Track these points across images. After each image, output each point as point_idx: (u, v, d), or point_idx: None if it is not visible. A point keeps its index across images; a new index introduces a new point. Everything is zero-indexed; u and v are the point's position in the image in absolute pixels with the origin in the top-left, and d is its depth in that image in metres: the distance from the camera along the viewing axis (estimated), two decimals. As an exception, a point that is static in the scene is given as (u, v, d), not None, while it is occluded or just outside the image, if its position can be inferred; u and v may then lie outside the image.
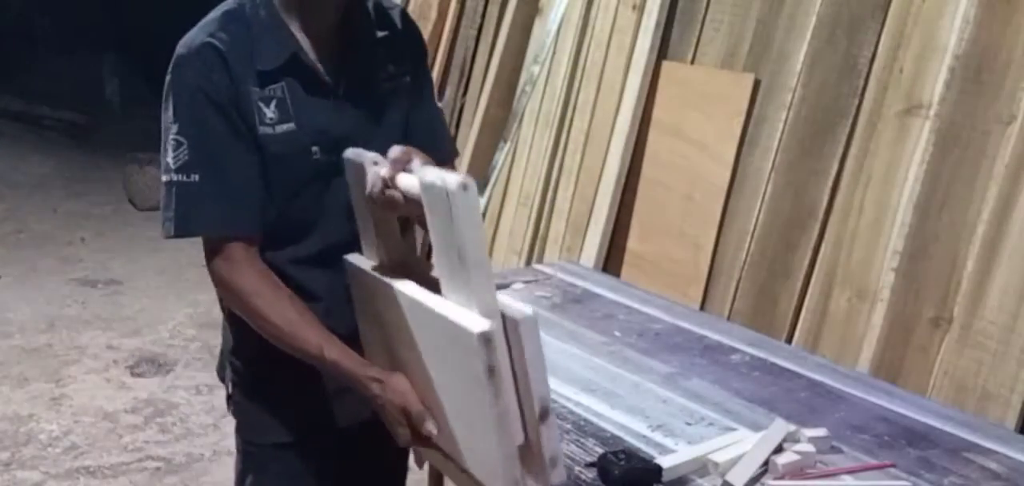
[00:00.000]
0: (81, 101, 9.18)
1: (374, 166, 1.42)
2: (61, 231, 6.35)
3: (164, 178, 1.54)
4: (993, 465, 1.71)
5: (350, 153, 1.50)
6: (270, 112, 1.55)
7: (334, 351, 1.52)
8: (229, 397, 1.77)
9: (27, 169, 7.74)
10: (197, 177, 1.52)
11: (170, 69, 1.55)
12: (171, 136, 1.52)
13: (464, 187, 1.22)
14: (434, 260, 1.36)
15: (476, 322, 1.23)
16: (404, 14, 1.78)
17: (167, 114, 1.54)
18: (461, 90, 4.21)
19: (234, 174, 1.54)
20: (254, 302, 1.55)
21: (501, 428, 1.26)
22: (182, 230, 1.56)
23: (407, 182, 1.38)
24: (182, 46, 1.55)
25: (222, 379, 1.82)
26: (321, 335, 1.53)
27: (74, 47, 9.45)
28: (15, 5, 9.36)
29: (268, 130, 1.55)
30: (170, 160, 1.52)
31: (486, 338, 1.22)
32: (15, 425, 3.64)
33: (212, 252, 1.57)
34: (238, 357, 1.72)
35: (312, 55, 1.61)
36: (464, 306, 1.28)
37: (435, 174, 1.28)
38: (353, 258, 1.57)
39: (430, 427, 1.43)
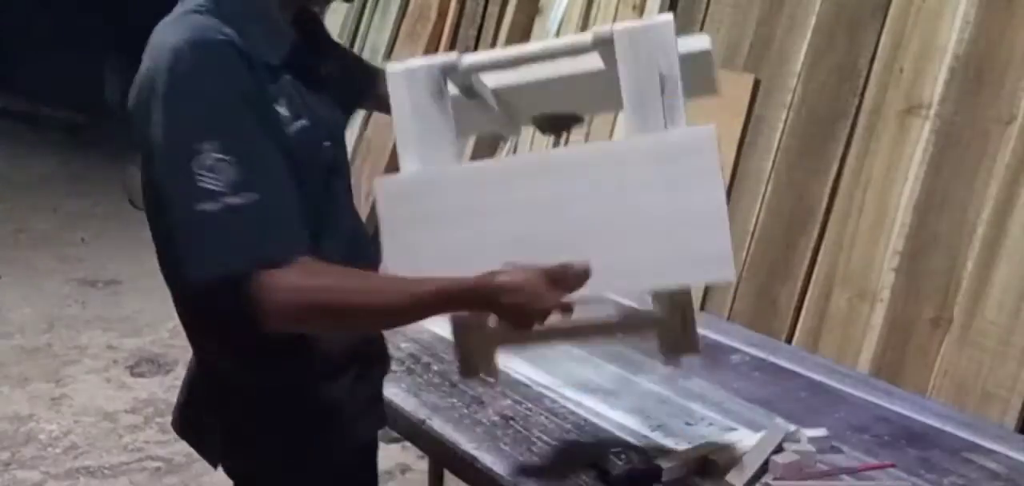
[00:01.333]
0: (81, 101, 9.17)
1: None
2: (61, 231, 6.34)
3: (204, 206, 1.24)
4: (993, 465, 1.71)
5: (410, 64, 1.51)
6: (284, 110, 1.36)
7: (430, 283, 1.33)
8: (236, 438, 1.51)
9: (27, 169, 7.74)
10: (255, 195, 1.25)
11: (175, 80, 1.26)
12: (207, 155, 1.24)
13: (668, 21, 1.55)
14: (628, 115, 1.53)
15: (700, 129, 1.49)
16: None
17: (183, 134, 1.26)
18: (461, 90, 4.21)
19: (284, 183, 1.31)
20: (338, 296, 1.32)
21: (720, 220, 1.44)
22: (266, 257, 1.26)
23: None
24: (184, 47, 1.27)
25: (200, 434, 1.59)
26: (405, 280, 1.36)
27: (74, 47, 9.44)
28: (15, 5, 9.36)
29: (287, 129, 1.35)
30: (212, 184, 1.23)
31: (714, 135, 1.48)
32: (15, 425, 3.64)
33: (278, 275, 1.27)
34: (260, 390, 1.47)
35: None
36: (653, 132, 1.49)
37: (629, 24, 1.54)
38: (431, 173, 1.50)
39: (582, 270, 1.38)
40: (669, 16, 1.58)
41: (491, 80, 1.67)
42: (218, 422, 1.52)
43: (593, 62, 1.62)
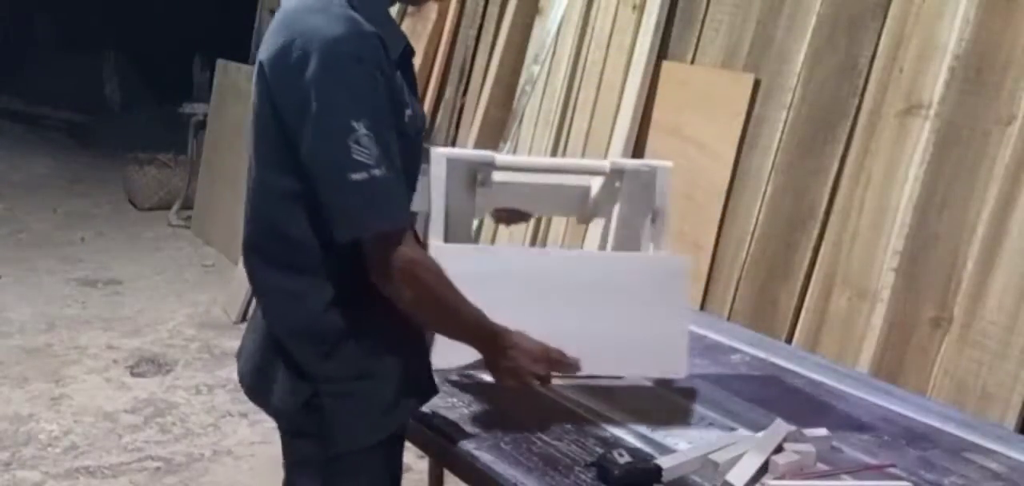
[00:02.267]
0: (81, 101, 9.18)
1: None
2: (61, 231, 6.34)
3: (357, 176, 1.46)
4: (993, 465, 1.71)
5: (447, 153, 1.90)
6: (403, 98, 1.58)
7: (477, 314, 1.63)
8: (303, 408, 1.60)
9: (27, 169, 7.74)
10: (389, 171, 1.48)
11: (335, 64, 1.47)
12: (361, 133, 1.46)
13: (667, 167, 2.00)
14: (617, 228, 2.09)
15: (678, 258, 2.00)
16: None
17: (341, 112, 1.47)
18: (461, 90, 4.21)
19: (398, 163, 1.53)
20: (441, 280, 1.58)
21: (682, 332, 1.94)
22: (401, 220, 1.52)
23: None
24: (342, 38, 1.48)
25: (267, 399, 1.67)
26: (467, 303, 1.62)
27: (74, 47, 9.45)
28: (16, 6, 9.37)
29: (404, 114, 1.57)
30: (364, 157, 1.46)
31: (688, 265, 1.98)
32: (15, 425, 3.63)
33: (395, 244, 1.51)
34: (333, 360, 1.59)
35: None
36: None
37: (637, 162, 2.05)
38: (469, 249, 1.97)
39: (574, 362, 1.73)
40: (669, 163, 2.04)
41: (502, 176, 2.03)
42: (309, 380, 1.61)
43: (590, 180, 2.11)
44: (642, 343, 1.89)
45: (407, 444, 1.74)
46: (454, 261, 1.64)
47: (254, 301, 1.75)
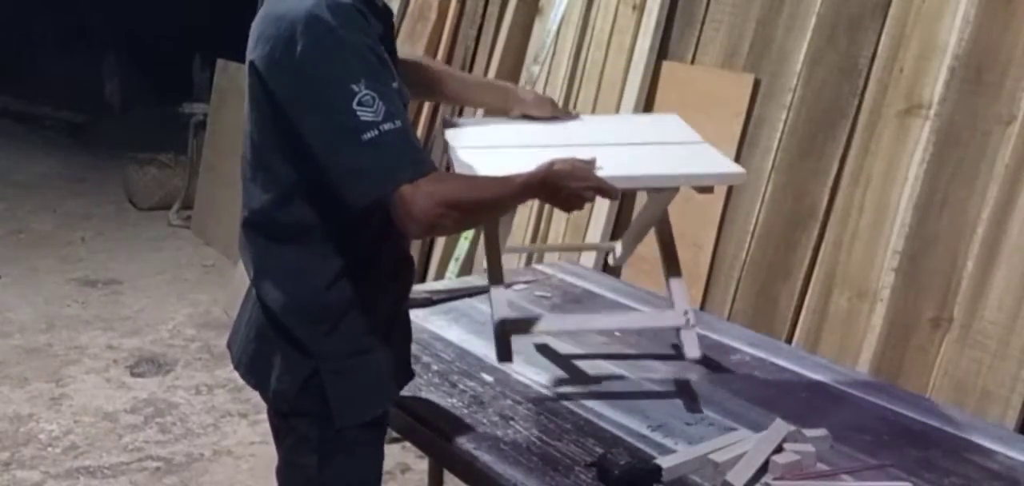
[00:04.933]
0: (81, 101, 9.17)
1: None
2: (61, 231, 6.34)
3: (368, 135, 1.47)
4: (993, 465, 1.71)
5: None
6: (389, 70, 1.59)
7: (518, 177, 1.63)
8: (303, 386, 1.65)
9: (27, 169, 7.73)
10: (398, 122, 1.50)
11: (320, 37, 1.49)
12: (362, 92, 1.47)
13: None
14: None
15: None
16: None
17: (338, 80, 1.49)
18: (461, 90, 4.21)
19: (405, 113, 1.57)
20: (467, 192, 1.60)
21: None
22: (423, 168, 1.52)
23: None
24: (320, 10, 1.49)
25: (264, 381, 1.70)
26: (500, 178, 1.64)
27: (74, 47, 9.44)
28: (15, 5, 9.36)
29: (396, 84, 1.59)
30: (370, 116, 1.48)
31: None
32: (15, 425, 3.63)
33: (418, 187, 1.51)
34: (333, 336, 1.64)
35: None
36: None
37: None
38: None
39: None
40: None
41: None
42: (307, 357, 1.65)
43: None
44: (681, 157, 1.89)
45: (407, 444, 1.75)
46: (469, 135, 1.78)
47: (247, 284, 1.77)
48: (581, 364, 2.11)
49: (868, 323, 2.57)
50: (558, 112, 2.09)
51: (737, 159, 2.98)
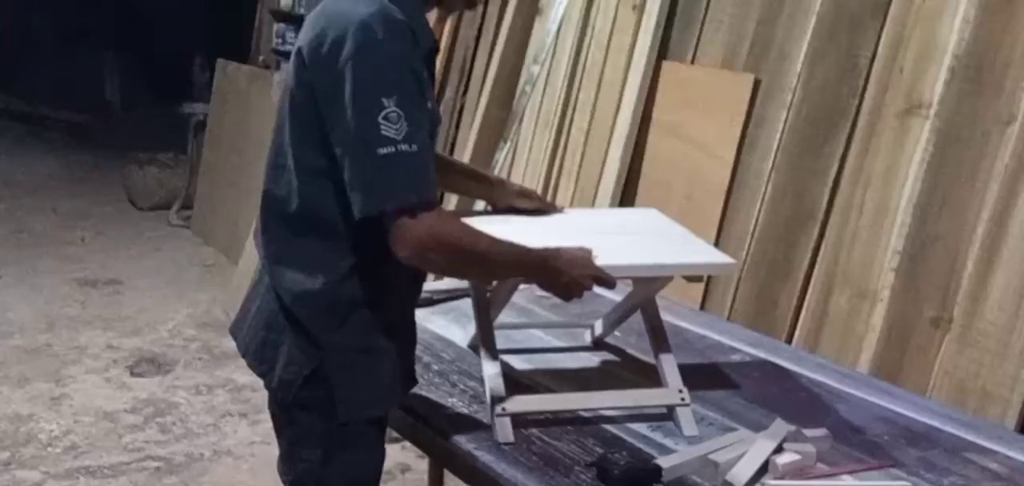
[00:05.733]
0: (81, 101, 9.17)
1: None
2: (61, 231, 6.34)
3: (384, 150, 1.52)
4: (993, 465, 1.71)
5: None
6: (428, 89, 1.64)
7: (521, 248, 1.67)
8: (309, 379, 1.66)
9: (27, 169, 7.74)
10: (416, 146, 1.53)
11: (367, 45, 1.54)
12: (390, 108, 1.52)
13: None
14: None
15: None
16: None
17: (371, 89, 1.53)
18: (461, 90, 4.21)
19: (429, 141, 1.60)
20: (469, 233, 1.64)
21: None
22: (426, 197, 1.55)
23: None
24: (373, 20, 1.54)
25: (270, 370, 1.71)
26: (504, 243, 1.67)
27: (74, 47, 9.44)
28: (15, 5, 9.36)
29: (429, 103, 1.63)
30: (392, 133, 1.52)
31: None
32: (15, 425, 3.63)
33: (423, 217, 1.55)
34: (342, 329, 1.66)
35: None
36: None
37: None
38: None
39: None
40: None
41: None
42: (313, 350, 1.66)
43: None
44: (673, 248, 1.94)
45: (407, 444, 1.75)
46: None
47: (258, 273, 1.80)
48: (581, 363, 2.11)
49: (868, 323, 2.57)
50: (543, 204, 2.12)
51: (737, 159, 2.99)
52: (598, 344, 2.22)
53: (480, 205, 2.47)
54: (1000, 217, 2.36)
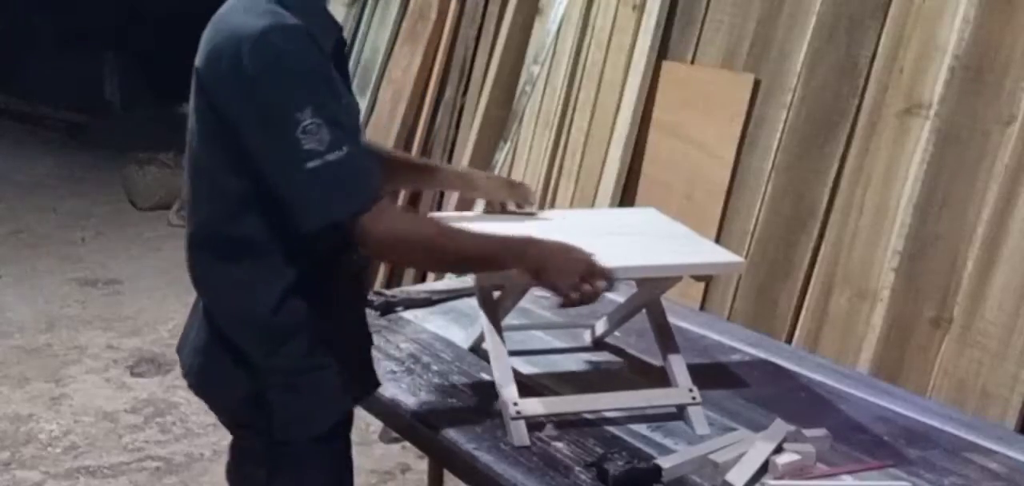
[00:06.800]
0: (81, 101, 9.16)
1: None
2: (61, 231, 6.34)
3: (312, 164, 1.46)
4: (993, 465, 1.71)
5: None
6: (339, 87, 1.58)
7: (493, 236, 1.63)
8: (249, 401, 1.64)
9: (27, 169, 7.73)
10: (345, 149, 1.48)
11: (267, 61, 1.48)
12: (307, 121, 1.46)
13: None
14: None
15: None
16: None
17: (283, 107, 1.47)
18: (461, 90, 4.21)
19: (359, 139, 1.57)
20: (431, 234, 1.63)
21: None
22: (366, 201, 1.51)
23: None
24: (268, 33, 1.48)
25: (210, 394, 1.73)
26: (471, 232, 1.64)
27: (74, 47, 9.44)
28: (15, 5, 9.36)
29: (343, 101, 1.57)
30: (314, 145, 1.46)
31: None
32: (15, 425, 3.63)
33: (372, 216, 1.52)
34: (284, 352, 1.62)
35: None
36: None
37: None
38: None
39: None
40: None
41: None
42: (256, 370, 1.63)
43: None
44: (676, 250, 1.93)
45: (407, 444, 1.75)
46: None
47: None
48: (581, 364, 2.11)
49: (868, 323, 2.57)
50: (531, 196, 2.07)
51: (737, 159, 2.99)
52: (598, 344, 2.22)
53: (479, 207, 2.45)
54: (1000, 217, 2.36)
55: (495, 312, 1.89)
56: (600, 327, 2.21)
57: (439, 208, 4.09)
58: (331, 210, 1.50)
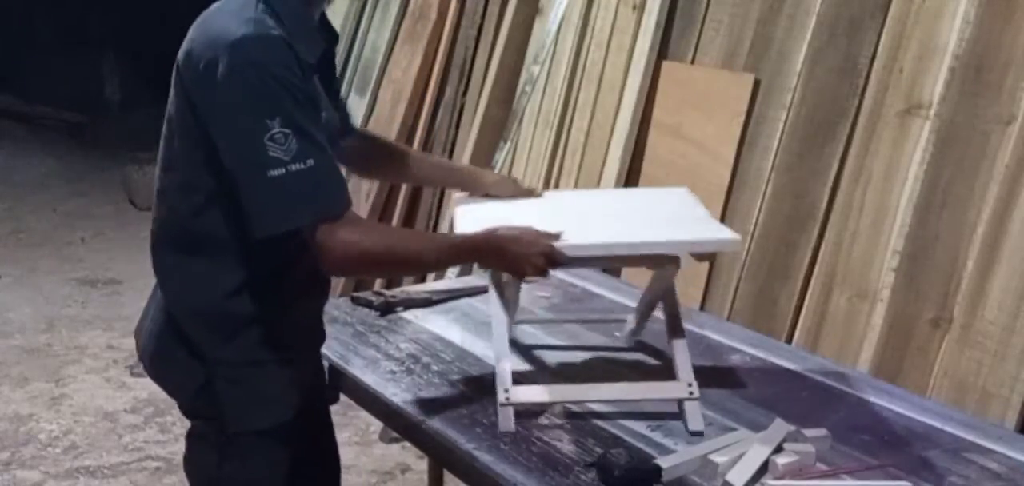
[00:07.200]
0: (81, 101, 9.17)
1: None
2: (61, 231, 6.34)
3: (274, 173, 1.50)
4: (993, 465, 1.71)
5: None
6: (317, 103, 1.62)
7: (450, 237, 1.71)
8: (199, 391, 1.72)
9: (27, 169, 7.73)
10: (311, 161, 1.52)
11: (243, 69, 1.51)
12: (275, 130, 1.50)
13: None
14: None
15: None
16: None
17: (254, 113, 1.51)
18: (461, 90, 4.21)
19: (328, 152, 1.58)
20: (390, 243, 1.68)
21: None
22: (322, 214, 1.55)
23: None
24: (247, 42, 1.51)
25: (164, 380, 1.80)
26: (430, 235, 1.71)
27: (74, 47, 9.44)
28: (15, 5, 9.36)
29: (320, 116, 1.62)
30: (280, 154, 1.50)
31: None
32: (15, 425, 3.64)
33: (334, 228, 1.56)
34: (230, 345, 1.68)
35: None
36: None
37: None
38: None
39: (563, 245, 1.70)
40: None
41: None
42: (203, 361, 1.69)
43: None
44: (676, 223, 1.93)
45: (407, 444, 1.76)
46: (477, 212, 1.85)
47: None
48: (581, 364, 2.11)
49: (868, 323, 2.57)
50: (520, 191, 2.11)
51: (737, 159, 2.99)
52: (635, 343, 2.20)
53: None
54: (1000, 217, 2.36)
55: (501, 300, 1.90)
56: (631, 322, 2.21)
57: (439, 207, 4.09)
58: (285, 220, 1.54)
